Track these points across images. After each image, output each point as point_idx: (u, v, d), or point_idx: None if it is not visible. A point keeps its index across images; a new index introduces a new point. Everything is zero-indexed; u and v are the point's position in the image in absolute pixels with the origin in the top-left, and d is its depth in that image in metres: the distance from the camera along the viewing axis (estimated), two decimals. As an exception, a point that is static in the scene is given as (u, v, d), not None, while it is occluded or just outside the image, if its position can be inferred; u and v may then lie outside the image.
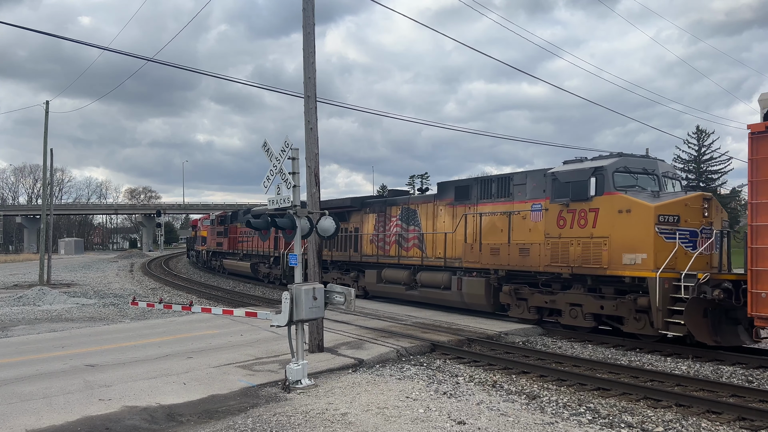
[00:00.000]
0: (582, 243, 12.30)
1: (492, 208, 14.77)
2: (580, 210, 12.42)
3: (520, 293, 13.88)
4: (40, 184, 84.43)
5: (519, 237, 13.83)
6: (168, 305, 16.00)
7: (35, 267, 34.94)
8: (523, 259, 13.59)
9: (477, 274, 14.95)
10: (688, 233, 11.39)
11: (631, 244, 11.49)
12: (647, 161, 12.78)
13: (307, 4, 10.64)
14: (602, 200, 12.02)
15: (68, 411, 7.00)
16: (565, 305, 12.85)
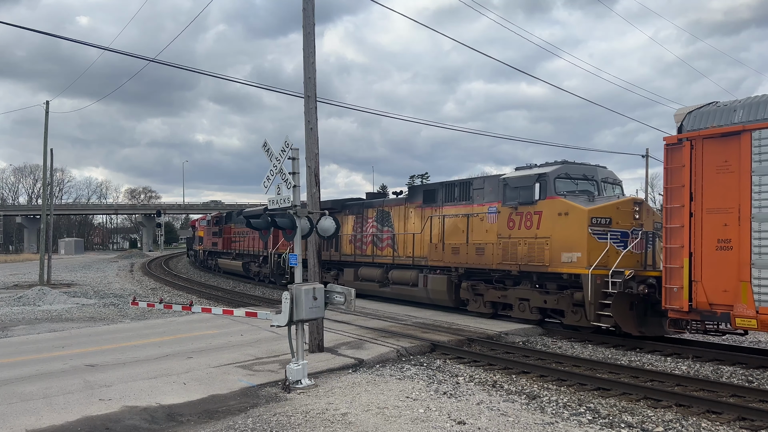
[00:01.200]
0: (528, 243, 13.42)
1: (455, 210, 15.81)
2: (526, 213, 13.59)
3: (477, 289, 14.97)
4: (40, 184, 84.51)
5: (476, 237, 14.90)
6: (168, 305, 16.01)
7: (35, 267, 34.94)
8: (479, 258, 14.66)
9: (440, 271, 16.04)
10: (620, 234, 12.39)
11: (568, 244, 12.54)
12: (587, 168, 13.88)
13: (307, 4, 10.64)
14: (545, 204, 13.14)
15: (68, 411, 7.00)
16: (515, 300, 13.92)
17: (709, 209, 10.02)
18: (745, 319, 9.42)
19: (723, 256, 9.76)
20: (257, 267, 28.82)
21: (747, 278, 9.38)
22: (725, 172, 9.85)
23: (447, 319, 14.32)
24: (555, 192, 13.06)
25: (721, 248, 9.81)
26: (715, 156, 9.97)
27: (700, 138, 10.16)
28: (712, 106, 10.76)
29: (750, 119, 9.85)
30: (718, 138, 9.97)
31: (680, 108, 11.21)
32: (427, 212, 16.78)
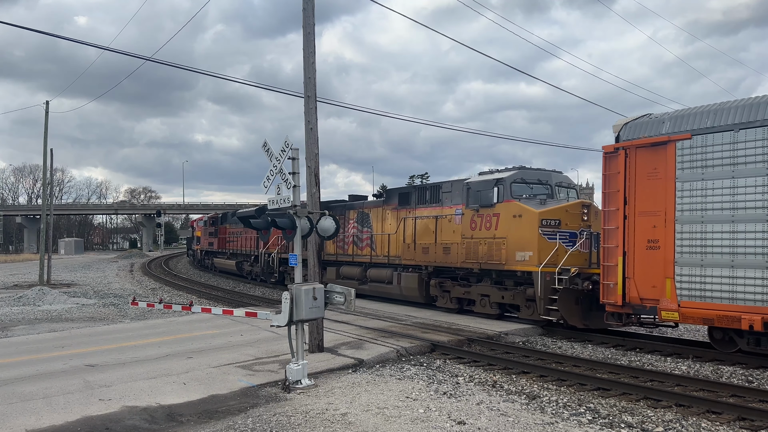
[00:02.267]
0: (487, 243, 14.41)
1: (426, 212, 16.73)
2: (486, 215, 14.55)
3: (444, 286, 15.95)
4: (40, 184, 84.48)
5: (444, 238, 15.82)
6: (168, 305, 15.98)
7: (35, 267, 34.93)
8: (446, 257, 15.64)
9: (412, 270, 17.03)
10: (568, 234, 13.31)
11: (521, 244, 13.51)
12: (542, 173, 14.87)
13: (307, 4, 10.64)
14: (502, 207, 14.13)
15: (68, 411, 7.00)
16: (478, 296, 14.85)
17: (641, 212, 10.96)
18: (669, 312, 10.45)
19: (652, 255, 10.74)
20: (249, 266, 29.70)
21: (671, 275, 10.41)
22: (654, 178, 10.83)
23: (447, 319, 14.32)
24: (511, 195, 14.02)
25: (650, 248, 10.80)
26: (646, 164, 10.94)
27: (633, 147, 11.12)
28: (646, 117, 11.61)
29: (675, 130, 10.76)
30: (648, 147, 10.92)
31: (619, 120, 12.11)
32: (402, 214, 17.64)
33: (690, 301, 10.22)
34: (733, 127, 10.01)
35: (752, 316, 9.41)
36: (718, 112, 10.39)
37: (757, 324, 9.34)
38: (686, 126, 10.68)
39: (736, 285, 9.76)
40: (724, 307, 9.81)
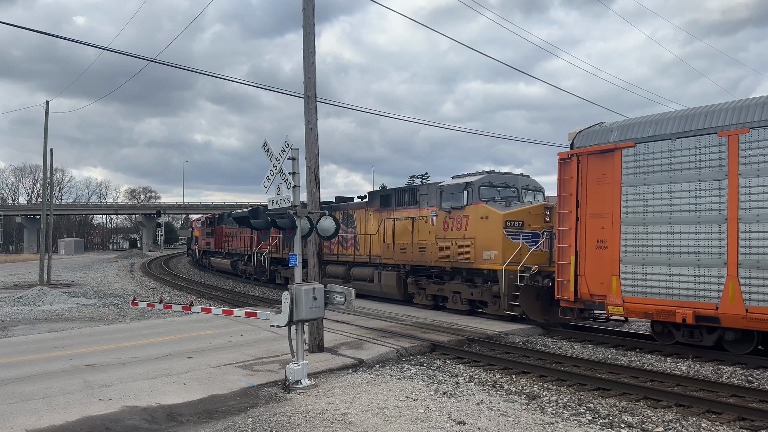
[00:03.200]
0: (458, 243, 15.21)
1: (405, 214, 17.51)
2: (457, 216, 15.36)
3: (420, 284, 16.82)
4: (40, 184, 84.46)
5: (420, 238, 16.65)
6: (168, 305, 16.01)
7: (35, 267, 34.93)
8: (422, 256, 16.48)
9: (391, 268, 17.87)
10: (531, 235, 14.09)
11: (488, 244, 14.32)
12: (509, 177, 15.70)
13: (307, 4, 10.64)
14: (471, 209, 14.93)
15: (68, 411, 7.00)
16: (450, 293, 15.71)
17: (591, 214, 11.81)
18: (615, 306, 11.32)
19: (600, 254, 11.59)
20: (243, 265, 30.66)
21: (617, 272, 11.27)
22: (603, 183, 11.67)
23: (447, 319, 14.33)
24: (479, 198, 14.86)
25: (599, 247, 11.65)
26: (596, 169, 11.80)
27: (585, 154, 11.97)
28: (597, 126, 12.34)
29: (621, 139, 11.55)
30: (598, 154, 11.79)
31: (573, 128, 12.83)
32: (383, 215, 18.37)
33: (633, 297, 11.06)
34: (671, 136, 10.78)
35: (685, 310, 10.29)
36: (659, 122, 11.14)
37: (690, 317, 10.21)
38: (631, 135, 11.45)
39: (672, 282, 10.59)
40: (662, 302, 10.66)
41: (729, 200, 9.98)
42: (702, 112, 10.66)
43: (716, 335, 10.58)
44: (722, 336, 10.51)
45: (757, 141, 9.75)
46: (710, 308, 10.08)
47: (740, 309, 9.72)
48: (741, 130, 9.95)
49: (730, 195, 9.98)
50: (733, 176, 9.96)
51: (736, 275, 9.81)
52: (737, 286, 9.79)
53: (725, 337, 10.47)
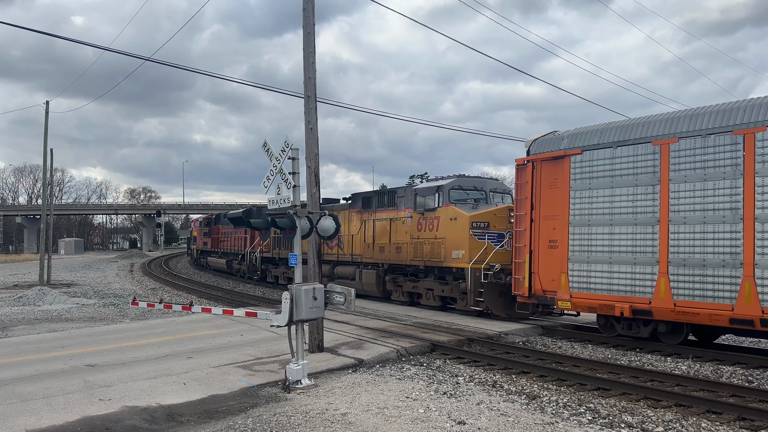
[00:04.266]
0: (430, 242, 16.09)
1: (384, 215, 18.30)
2: (429, 217, 16.26)
3: (397, 281, 17.75)
4: (40, 184, 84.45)
5: (397, 238, 17.51)
6: (168, 305, 16.01)
7: (35, 267, 34.93)
8: (398, 255, 17.39)
9: (371, 267, 18.72)
10: (496, 235, 14.93)
11: (456, 244, 15.16)
12: (477, 180, 16.84)
13: (307, 4, 10.64)
14: (442, 210, 15.84)
15: (68, 411, 7.00)
16: (424, 290, 16.61)
17: (544, 216, 12.68)
18: (564, 301, 12.21)
19: (552, 253, 12.47)
20: (237, 264, 31.78)
21: (565, 270, 12.19)
22: (554, 187, 12.54)
23: (447, 319, 14.33)
24: (449, 201, 15.72)
25: (550, 247, 12.53)
26: (548, 175, 12.66)
27: (539, 160, 12.85)
28: (551, 135, 13.18)
29: (570, 146, 12.38)
30: (550, 161, 12.64)
31: (530, 136, 13.77)
32: (364, 216, 19.17)
33: (579, 292, 11.98)
34: (613, 145, 11.67)
35: (623, 304, 11.20)
36: (603, 132, 12.01)
37: (627, 311, 11.13)
38: (579, 143, 12.30)
39: (612, 278, 11.51)
40: (603, 297, 11.58)
41: (661, 204, 10.84)
42: (640, 123, 11.53)
43: (651, 327, 11.48)
44: (656, 328, 11.41)
45: (685, 150, 10.62)
46: (644, 302, 10.98)
47: (669, 303, 10.63)
48: (671, 140, 10.83)
49: (662, 199, 10.83)
50: (664, 182, 10.82)
51: (666, 272, 10.70)
52: (667, 282, 10.67)
53: (659, 329, 11.37)
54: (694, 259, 10.39)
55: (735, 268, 9.92)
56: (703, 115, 10.63)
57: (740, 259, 9.87)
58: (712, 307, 10.13)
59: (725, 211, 10.11)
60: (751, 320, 9.69)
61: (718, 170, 10.22)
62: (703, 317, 10.27)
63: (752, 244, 9.73)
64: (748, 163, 9.84)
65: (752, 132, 9.84)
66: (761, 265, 9.61)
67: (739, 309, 9.78)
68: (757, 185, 9.73)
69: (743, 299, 9.75)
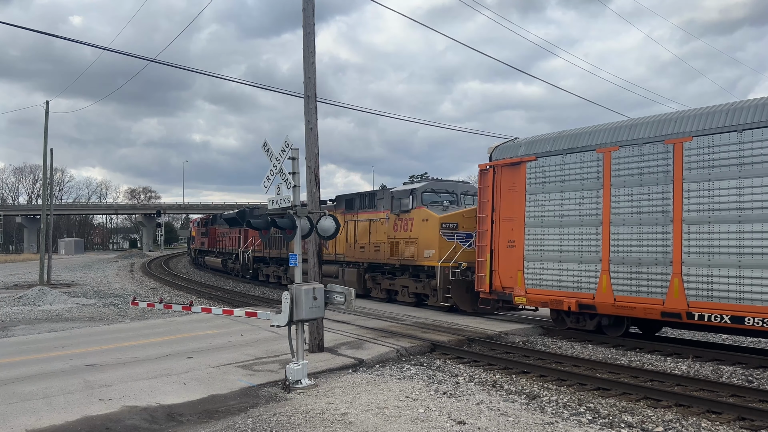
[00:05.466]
0: (405, 242, 17.02)
1: (365, 216, 19.13)
2: (404, 219, 17.20)
3: (376, 279, 18.73)
4: (40, 184, 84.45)
5: (376, 238, 18.36)
6: (168, 305, 16.01)
7: (35, 267, 34.94)
8: (377, 254, 18.30)
9: (353, 266, 19.70)
10: (465, 235, 15.77)
11: (428, 243, 16.08)
12: (449, 184, 17.84)
13: (307, 4, 10.64)
14: (415, 212, 16.78)
15: (68, 411, 7.00)
16: (400, 287, 17.57)
17: (504, 218, 13.62)
18: (520, 297, 13.12)
19: (510, 252, 13.43)
20: (232, 263, 32.94)
21: (521, 268, 13.12)
22: (513, 191, 13.47)
23: (447, 319, 14.33)
24: (422, 203, 16.68)
25: (509, 246, 13.48)
26: (508, 179, 13.60)
27: (499, 166, 13.80)
28: (510, 142, 14.16)
29: (527, 153, 13.28)
30: (509, 166, 13.61)
31: (492, 143, 14.65)
32: (347, 217, 19.90)
33: (534, 288, 12.87)
34: (563, 152, 12.54)
35: (570, 299, 12.08)
36: (556, 140, 12.85)
37: (573, 305, 12.00)
38: (534, 150, 13.18)
39: (561, 275, 12.37)
40: (554, 293, 12.47)
41: (603, 207, 11.73)
42: (587, 132, 12.38)
43: (596, 321, 12.32)
44: (600, 321, 12.26)
45: (624, 157, 11.50)
46: (589, 298, 11.87)
47: (610, 298, 11.51)
48: (612, 148, 11.71)
49: (604, 202, 11.73)
50: (606, 186, 11.73)
51: (608, 270, 11.59)
52: (608, 278, 11.57)
53: (602, 322, 12.24)
54: (631, 258, 11.28)
55: (665, 265, 10.80)
56: (641, 126, 11.47)
57: (670, 257, 10.74)
58: (646, 302, 11.01)
59: (658, 213, 10.97)
60: (679, 313, 10.56)
61: (652, 176, 11.11)
62: (638, 311, 11.15)
63: (680, 244, 10.61)
64: (677, 170, 10.75)
65: (681, 142, 10.75)
66: (687, 263, 10.50)
67: (669, 303, 10.68)
68: (684, 190, 10.62)
69: (672, 294, 10.64)
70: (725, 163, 10.18)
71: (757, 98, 10.44)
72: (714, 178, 10.29)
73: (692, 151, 10.57)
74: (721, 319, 10.06)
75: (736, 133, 10.09)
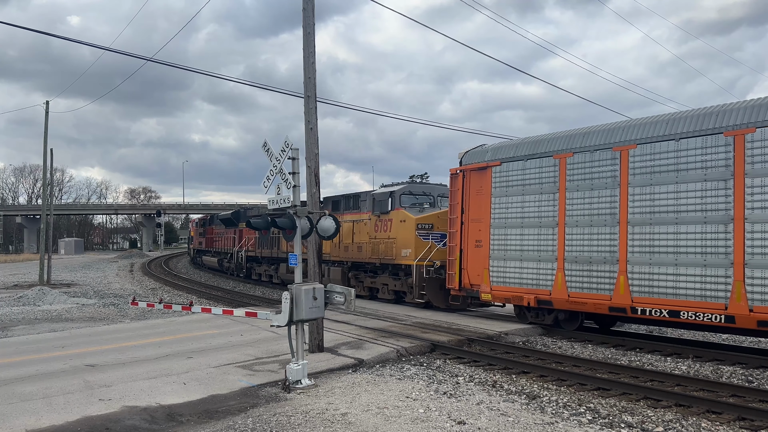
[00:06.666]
0: (385, 242, 17.80)
1: (350, 217, 19.76)
2: (384, 220, 17.99)
3: (359, 277, 19.45)
4: (40, 184, 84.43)
5: (359, 239, 19.11)
6: (168, 305, 15.99)
7: (35, 267, 34.93)
8: (360, 254, 19.04)
9: (338, 264, 20.42)
10: (439, 235, 16.43)
11: (405, 243, 16.91)
12: (426, 186, 18.66)
13: (307, 4, 10.63)
14: (394, 213, 17.60)
15: (68, 411, 7.00)
16: (381, 285, 18.40)
17: (472, 219, 14.44)
18: (486, 293, 13.94)
19: (478, 252, 14.23)
20: (227, 263, 33.93)
21: (487, 266, 13.94)
22: (480, 194, 14.31)
23: (447, 319, 14.33)
24: (400, 205, 17.48)
25: (477, 246, 14.27)
26: (475, 183, 14.45)
27: (468, 170, 14.66)
28: (479, 148, 14.93)
29: (492, 159, 14.17)
30: (477, 171, 14.46)
31: (462, 149, 15.63)
32: None
33: (498, 285, 13.70)
34: (524, 158, 13.37)
35: (530, 295, 12.88)
36: (518, 146, 13.69)
37: (532, 301, 12.81)
38: (499, 155, 14.04)
39: (522, 273, 13.19)
40: (516, 289, 13.27)
41: (559, 209, 12.54)
42: (545, 139, 13.18)
43: (553, 315, 13.06)
44: (557, 316, 12.97)
45: (578, 163, 12.28)
46: (546, 294, 12.63)
47: (565, 294, 12.26)
48: (567, 154, 12.49)
49: (560, 205, 12.53)
50: (561, 190, 12.54)
51: (563, 268, 12.37)
52: (563, 276, 12.35)
53: (559, 316, 12.95)
54: (583, 257, 12.06)
55: (613, 264, 11.60)
56: (593, 134, 12.23)
57: (617, 256, 11.53)
58: (596, 298, 11.79)
59: (606, 215, 11.77)
60: (624, 308, 11.36)
61: (601, 181, 11.90)
62: (589, 306, 11.94)
63: (625, 244, 11.39)
64: (623, 176, 11.53)
65: (627, 149, 11.54)
66: (631, 261, 11.29)
67: (616, 299, 11.47)
68: (629, 194, 11.42)
69: (618, 290, 11.44)
70: (664, 169, 10.96)
71: (695, 109, 11.25)
72: (655, 183, 11.08)
73: (636, 158, 11.37)
74: (660, 313, 10.84)
75: (674, 142, 10.88)
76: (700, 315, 10.30)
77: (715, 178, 10.32)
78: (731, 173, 10.13)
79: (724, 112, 10.42)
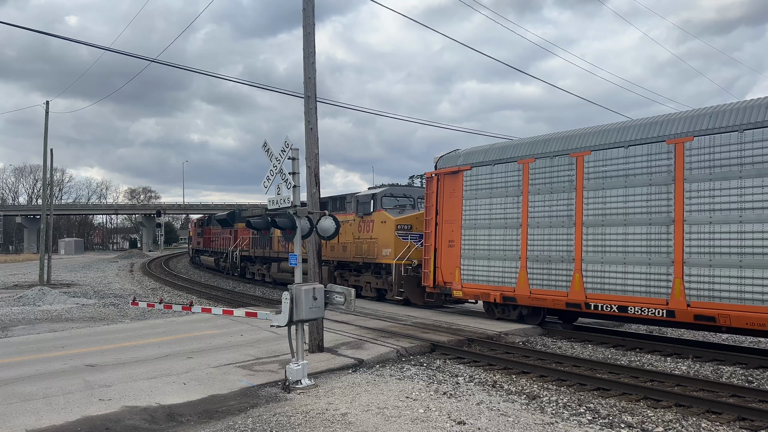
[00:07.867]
0: (367, 242, 18.55)
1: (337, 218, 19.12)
2: (367, 221, 18.77)
3: (344, 276, 20.20)
4: (40, 184, 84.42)
5: (344, 239, 19.72)
6: (168, 305, 16.02)
7: (35, 267, 34.93)
8: (344, 253, 19.88)
9: (325, 264, 20.05)
10: (418, 236, 17.14)
11: (385, 243, 17.70)
12: (406, 189, 19.78)
13: (307, 4, 10.63)
14: (376, 215, 18.43)
15: (68, 411, 7.00)
16: (364, 283, 19.16)
17: (446, 220, 15.13)
18: (457, 291, 14.70)
19: (450, 251, 14.96)
20: (223, 262, 34.66)
21: (459, 265, 14.69)
22: (453, 196, 15.02)
23: (447, 319, 14.33)
24: (381, 206, 18.34)
25: (449, 246, 14.98)
26: (449, 186, 15.15)
27: (442, 174, 15.36)
28: (453, 153, 15.66)
29: (464, 163, 14.86)
30: (450, 174, 15.17)
31: (438, 153, 16.18)
32: None
33: (468, 283, 14.46)
34: (492, 162, 14.17)
35: (496, 292, 13.68)
36: (487, 152, 14.47)
37: (498, 298, 13.62)
38: (470, 160, 14.76)
39: (489, 271, 13.95)
40: (484, 287, 14.05)
41: (523, 211, 13.32)
42: (511, 145, 14.07)
43: (518, 311, 13.82)
44: (521, 312, 13.74)
45: (539, 168, 13.07)
46: (511, 291, 13.42)
47: (527, 291, 13.07)
48: (530, 159, 13.27)
49: (523, 207, 13.30)
50: (525, 193, 13.32)
51: (525, 266, 13.18)
52: (525, 274, 13.16)
53: (522, 312, 13.73)
54: (543, 256, 12.84)
55: (569, 262, 12.34)
56: (553, 140, 12.99)
57: (573, 255, 12.27)
58: (555, 294, 12.54)
59: (564, 217, 12.52)
60: (579, 304, 12.09)
61: (560, 185, 12.66)
62: (549, 302, 12.70)
63: (581, 244, 12.13)
64: (579, 179, 12.30)
65: (582, 155, 12.27)
66: (586, 260, 12.03)
67: (572, 295, 12.20)
68: (584, 197, 12.16)
69: (574, 287, 12.17)
70: (615, 174, 11.77)
71: (644, 117, 11.99)
72: (606, 187, 11.88)
73: (590, 163, 12.12)
74: (610, 308, 11.60)
75: (624, 149, 11.66)
76: (645, 310, 11.04)
77: (659, 183, 11.09)
78: (672, 178, 10.88)
79: (667, 122, 11.15)
